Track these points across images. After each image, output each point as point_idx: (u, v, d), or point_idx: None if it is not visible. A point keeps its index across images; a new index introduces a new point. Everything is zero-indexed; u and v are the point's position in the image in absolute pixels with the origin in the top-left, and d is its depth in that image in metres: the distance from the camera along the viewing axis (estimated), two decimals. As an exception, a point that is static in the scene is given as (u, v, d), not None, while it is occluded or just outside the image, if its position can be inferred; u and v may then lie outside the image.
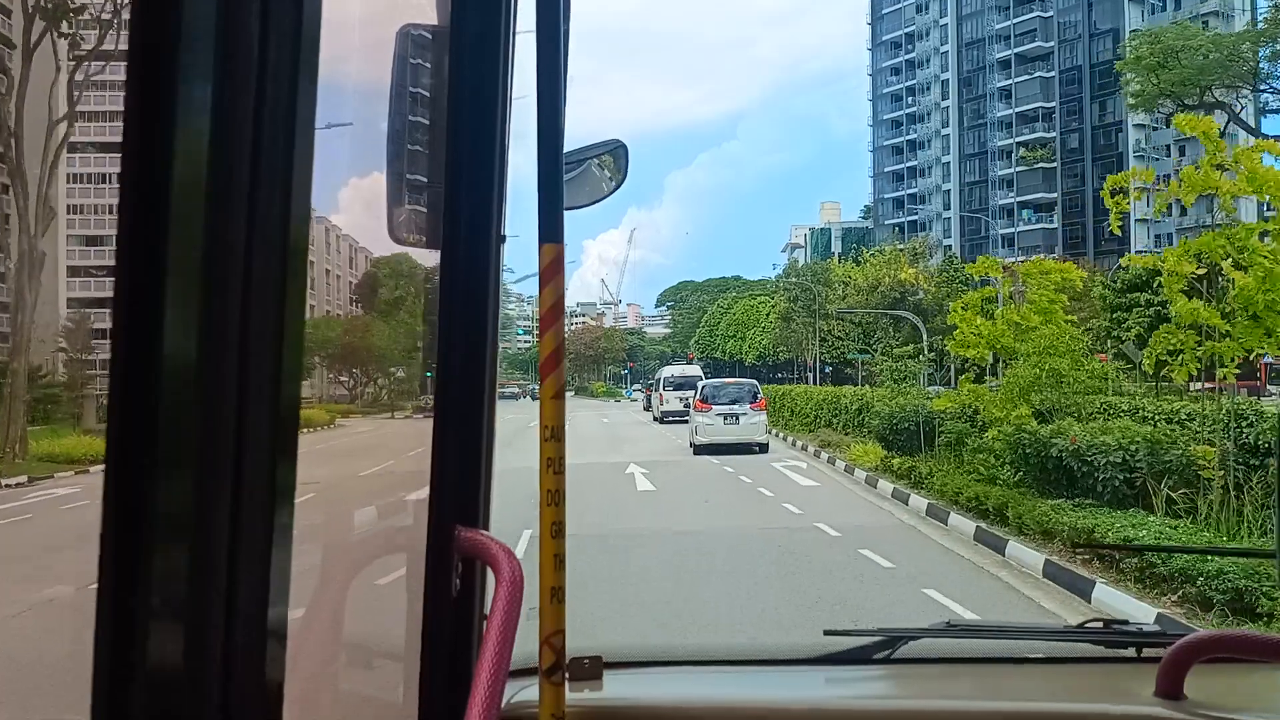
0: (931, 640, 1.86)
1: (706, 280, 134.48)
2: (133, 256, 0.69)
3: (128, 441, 0.70)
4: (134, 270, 0.69)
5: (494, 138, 1.20)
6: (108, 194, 69.77)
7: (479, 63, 1.18)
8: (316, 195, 0.79)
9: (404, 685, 1.27)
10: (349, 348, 3.82)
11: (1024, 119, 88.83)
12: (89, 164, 73.14)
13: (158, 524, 0.70)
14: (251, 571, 0.75)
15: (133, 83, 0.69)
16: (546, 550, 1.15)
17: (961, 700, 1.71)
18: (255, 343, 0.74)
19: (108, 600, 0.69)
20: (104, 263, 45.82)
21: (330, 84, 0.81)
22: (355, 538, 1.52)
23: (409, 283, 2.06)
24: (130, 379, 0.69)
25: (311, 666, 1.19)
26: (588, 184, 1.54)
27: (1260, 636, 1.63)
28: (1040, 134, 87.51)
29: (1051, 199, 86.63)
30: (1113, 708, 1.58)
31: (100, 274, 59.37)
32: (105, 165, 67.28)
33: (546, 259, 1.13)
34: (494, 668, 0.98)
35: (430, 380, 1.28)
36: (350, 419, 4.27)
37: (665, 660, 1.90)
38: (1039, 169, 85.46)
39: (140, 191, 0.69)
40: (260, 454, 0.75)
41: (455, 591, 1.21)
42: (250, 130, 0.73)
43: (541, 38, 1.10)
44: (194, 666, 0.72)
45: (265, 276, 0.74)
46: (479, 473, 1.25)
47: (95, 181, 73.33)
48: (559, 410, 1.15)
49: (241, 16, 0.72)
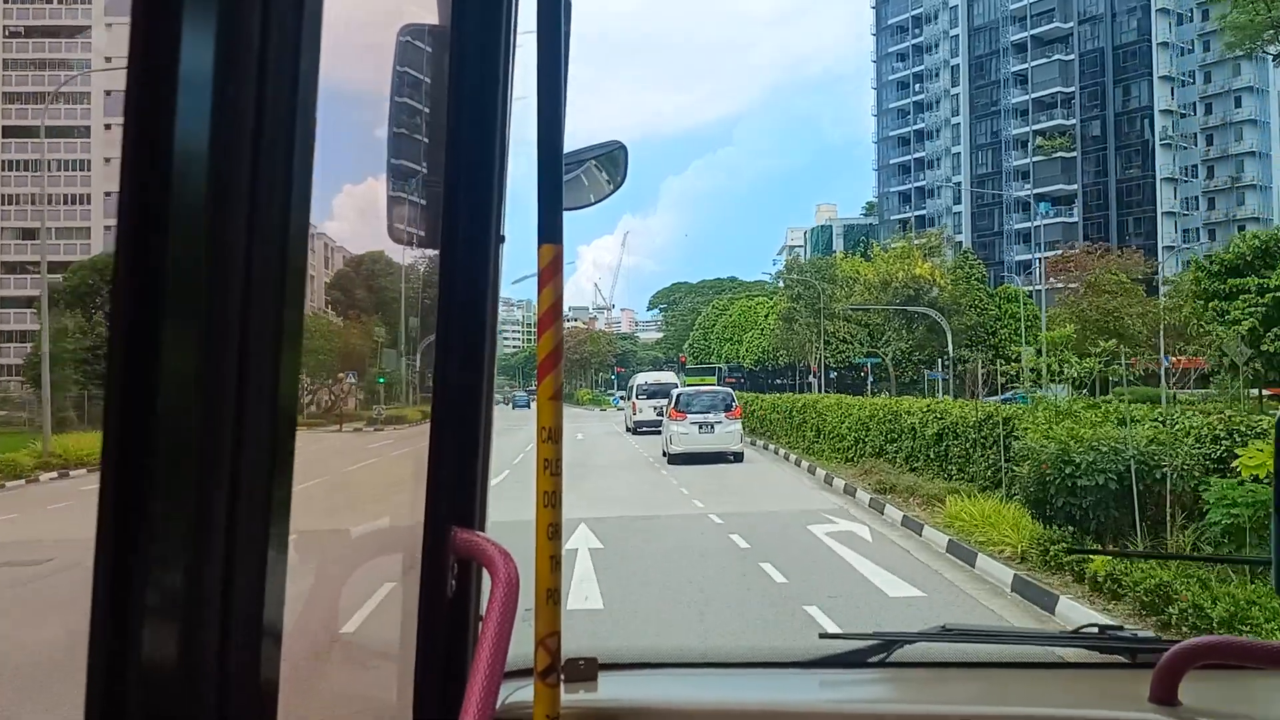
0: (927, 644, 1.87)
1: (701, 282, 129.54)
2: (133, 258, 0.70)
3: (125, 442, 0.70)
4: (133, 272, 0.70)
5: (494, 138, 1.22)
6: (45, 183, 64.30)
7: (479, 63, 1.20)
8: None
9: (399, 686, 1.28)
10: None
11: (1041, 105, 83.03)
12: (25, 150, 67.57)
13: (153, 524, 0.71)
14: (247, 571, 0.76)
15: (133, 84, 0.69)
16: (542, 552, 1.15)
17: (956, 705, 1.74)
18: (254, 344, 0.75)
19: (103, 600, 0.70)
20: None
21: (331, 84, 0.82)
22: (351, 538, 1.54)
23: (366, 282, 2.00)
24: (128, 380, 0.70)
25: (307, 667, 1.23)
26: (587, 185, 1.54)
27: (1255, 643, 1.63)
28: (1059, 121, 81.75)
29: (1071, 191, 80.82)
30: (1108, 714, 1.60)
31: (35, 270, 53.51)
32: (41, 153, 61.70)
33: (545, 259, 1.13)
34: (489, 669, 0.99)
35: (383, 388, 1.26)
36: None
37: (660, 662, 1.90)
38: (1058, 159, 79.68)
39: (140, 194, 0.70)
40: (257, 454, 0.76)
41: (451, 592, 1.22)
42: (251, 130, 0.74)
43: (542, 38, 1.11)
44: (189, 666, 0.73)
45: (264, 278, 0.75)
46: (475, 474, 1.26)
47: (29, 170, 67.74)
48: (557, 411, 1.15)
49: (242, 17, 0.73)
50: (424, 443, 1.26)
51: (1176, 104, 77.94)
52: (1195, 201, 78.63)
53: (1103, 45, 79.65)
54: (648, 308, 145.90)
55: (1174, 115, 77.77)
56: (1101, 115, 79.88)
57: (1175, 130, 77.66)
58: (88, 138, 68.45)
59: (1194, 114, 78.60)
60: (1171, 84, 77.77)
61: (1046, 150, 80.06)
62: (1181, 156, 77.92)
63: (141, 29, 0.69)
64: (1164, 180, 76.82)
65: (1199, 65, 78.37)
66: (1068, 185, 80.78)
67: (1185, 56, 78.50)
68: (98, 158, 68.38)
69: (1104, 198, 78.80)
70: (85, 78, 67.93)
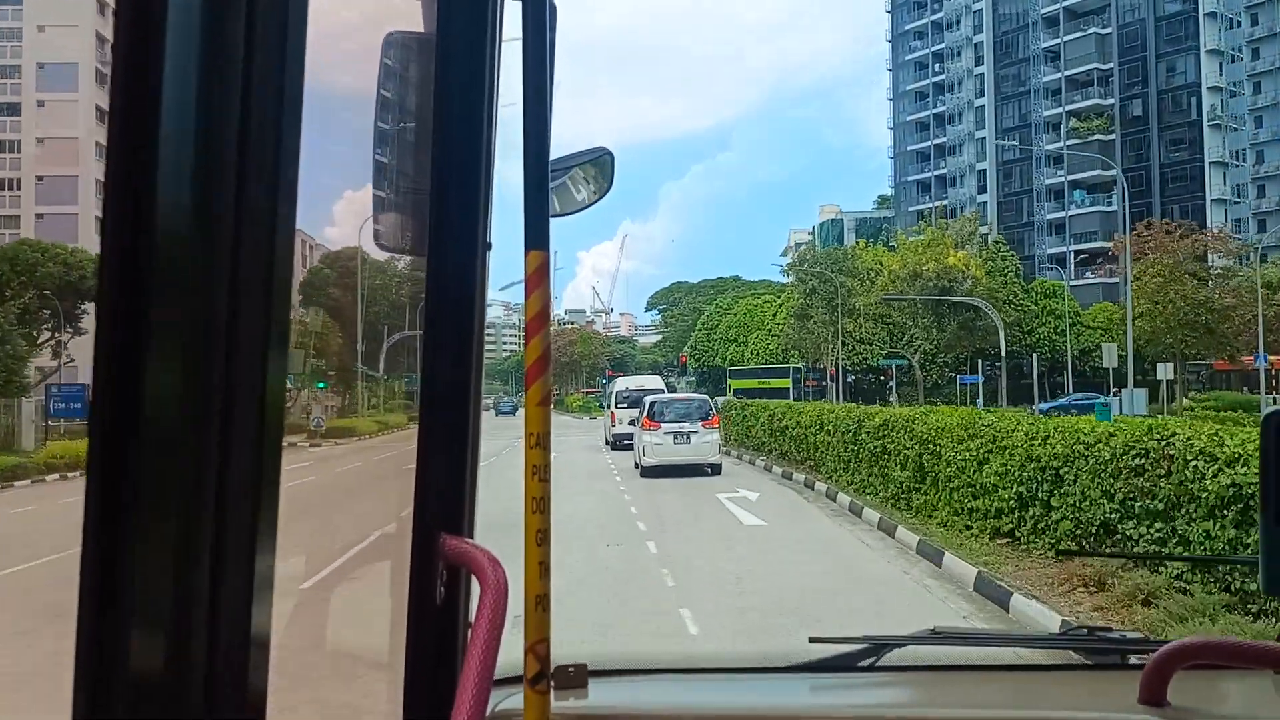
0: (917, 647, 1.87)
1: (702, 281, 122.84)
2: (119, 260, 0.71)
3: (111, 445, 0.71)
4: (119, 272, 0.71)
5: (480, 145, 1.23)
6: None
7: (465, 71, 1.22)
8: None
9: (388, 693, 1.28)
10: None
11: (1075, 84, 75.81)
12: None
13: (141, 530, 0.71)
14: (235, 578, 0.76)
15: (118, 89, 0.71)
16: (531, 558, 1.15)
17: (946, 708, 1.76)
18: (241, 349, 0.75)
19: (90, 605, 0.70)
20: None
21: (316, 90, 0.83)
22: (340, 545, 1.41)
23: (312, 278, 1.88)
24: (114, 383, 0.71)
25: (296, 675, 1.20)
26: (574, 191, 1.55)
27: (1243, 643, 1.64)
28: (1095, 101, 74.45)
29: (1110, 177, 73.54)
30: (1097, 715, 1.63)
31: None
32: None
33: (532, 266, 1.14)
34: (479, 676, 0.99)
35: (323, 393, 1.15)
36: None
37: (650, 668, 1.93)
38: (1094, 142, 72.32)
39: (126, 196, 0.71)
40: (245, 462, 0.76)
41: (440, 599, 1.22)
42: (236, 135, 0.74)
43: (527, 45, 1.13)
44: (177, 674, 0.73)
45: (252, 282, 0.76)
46: (464, 480, 1.26)
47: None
48: (545, 417, 1.17)
49: (227, 23, 0.74)
50: (387, 454, 1.02)
51: (1225, 81, 70.80)
52: (1244, 189, 71.51)
53: (1143, 16, 72.47)
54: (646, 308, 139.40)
55: (1223, 93, 70.62)
56: (1143, 94, 72.70)
57: (1224, 110, 70.49)
58: (18, 116, 61.37)
59: (1244, 93, 71.46)
60: (1220, 59, 70.62)
61: (1082, 133, 72.96)
62: (1232, 139, 70.74)
63: (126, 34, 0.70)
64: (1213, 164, 69.69)
65: (1245, 41, 71.30)
66: (1106, 171, 73.61)
67: (1233, 30, 71.39)
68: (29, 139, 61.27)
69: (1145, 184, 71.62)
70: (15, 49, 60.93)
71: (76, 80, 61.38)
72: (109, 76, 0.72)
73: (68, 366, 44.53)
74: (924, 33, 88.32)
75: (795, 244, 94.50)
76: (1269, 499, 1.26)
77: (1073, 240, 74.11)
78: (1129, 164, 72.83)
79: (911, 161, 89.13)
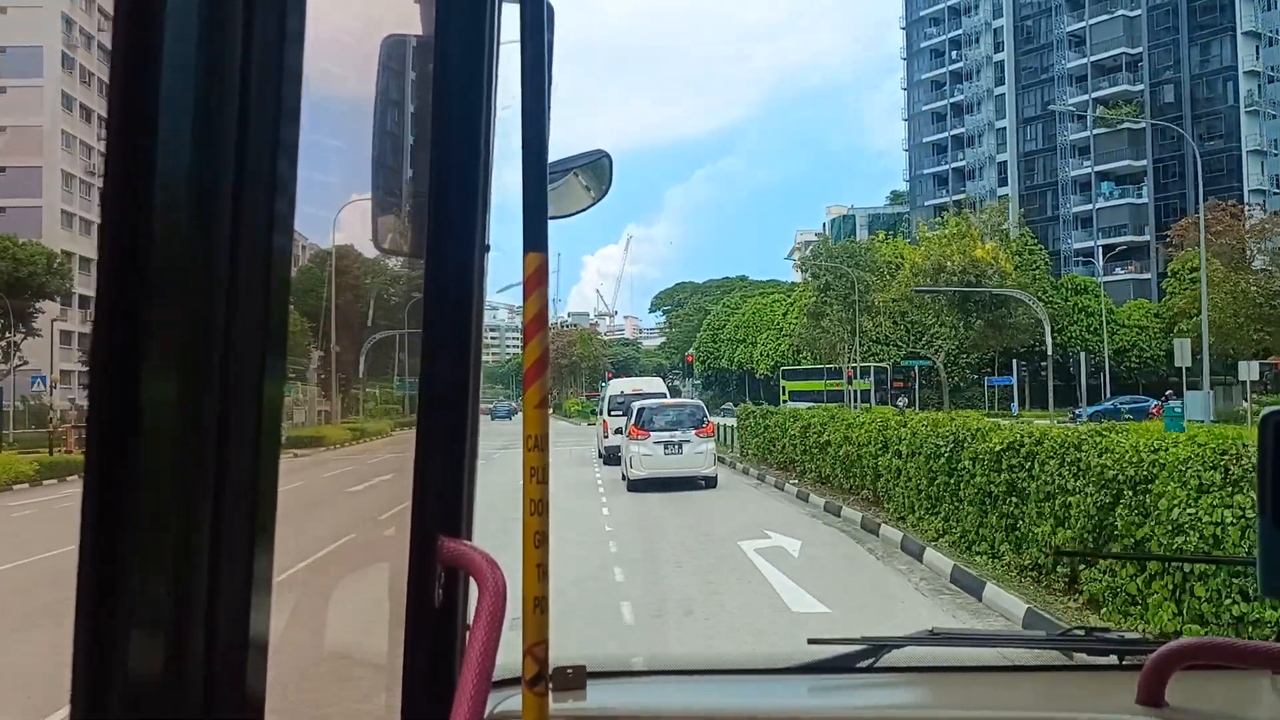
0: (915, 648, 1.88)
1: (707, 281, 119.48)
2: (117, 261, 0.72)
3: (110, 445, 0.71)
4: (118, 275, 0.71)
5: (478, 147, 1.24)
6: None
7: (463, 73, 1.23)
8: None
9: (386, 695, 1.29)
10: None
11: (1101, 70, 71.81)
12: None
13: (138, 531, 0.72)
14: (233, 581, 0.76)
15: (117, 90, 0.71)
16: (529, 560, 1.15)
17: (944, 709, 1.77)
18: (238, 350, 0.76)
19: (87, 607, 0.71)
20: None
21: (314, 93, 0.83)
22: (337, 547, 1.51)
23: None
24: (112, 383, 0.71)
25: (293, 676, 1.24)
26: (571, 194, 1.57)
27: (1241, 643, 1.65)
28: (1124, 87, 70.42)
29: (1140, 168, 69.62)
30: (1095, 716, 1.63)
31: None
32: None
33: (530, 268, 1.15)
34: (477, 678, 1.00)
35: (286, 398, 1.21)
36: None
37: (648, 670, 1.95)
38: (1123, 131, 68.35)
39: (125, 197, 0.72)
40: (243, 462, 0.77)
41: (438, 602, 1.23)
42: (234, 138, 0.75)
43: (525, 48, 1.14)
44: (175, 675, 0.74)
45: (250, 278, 0.76)
46: (462, 482, 1.27)
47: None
48: (543, 419, 1.17)
49: (226, 25, 0.75)
50: (346, 469, 1.04)
51: (1263, 65, 66.76)
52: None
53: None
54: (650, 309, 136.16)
55: (1260, 78, 66.57)
56: (1175, 79, 68.71)
57: (1262, 95, 66.42)
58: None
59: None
60: (1257, 42, 66.59)
61: (1110, 122, 68.85)
62: (1270, 127, 66.67)
63: (124, 37, 0.70)
64: (1250, 153, 65.64)
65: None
66: (1136, 161, 69.62)
67: (1270, 11, 67.39)
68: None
69: (1178, 174, 67.60)
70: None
71: (41, 65, 57.85)
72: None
73: (20, 370, 40.91)
74: (940, 18, 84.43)
75: (803, 243, 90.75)
76: (1266, 500, 1.24)
77: (1100, 234, 70.07)
78: (1160, 154, 68.83)
79: (928, 154, 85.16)
